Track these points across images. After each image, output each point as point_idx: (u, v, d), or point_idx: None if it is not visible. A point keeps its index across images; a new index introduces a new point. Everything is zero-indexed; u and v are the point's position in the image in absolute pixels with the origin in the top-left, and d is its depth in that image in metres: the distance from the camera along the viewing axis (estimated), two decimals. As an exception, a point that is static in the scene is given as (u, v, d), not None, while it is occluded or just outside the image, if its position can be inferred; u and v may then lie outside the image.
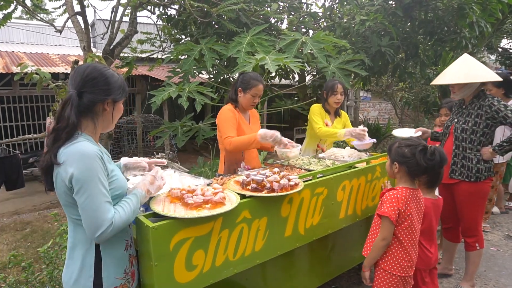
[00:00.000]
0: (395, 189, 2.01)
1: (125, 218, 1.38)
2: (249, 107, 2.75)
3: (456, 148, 2.76)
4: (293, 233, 2.03)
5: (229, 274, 1.74)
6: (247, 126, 2.76)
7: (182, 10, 4.96)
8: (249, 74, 2.75)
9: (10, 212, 5.71)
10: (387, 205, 1.95)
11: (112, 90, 1.45)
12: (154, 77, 8.34)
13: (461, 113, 2.79)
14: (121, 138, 8.69)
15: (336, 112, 3.36)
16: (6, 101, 8.16)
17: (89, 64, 1.46)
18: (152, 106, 3.84)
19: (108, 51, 4.57)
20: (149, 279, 1.52)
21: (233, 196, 1.78)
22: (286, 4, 5.54)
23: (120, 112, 1.55)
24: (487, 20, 4.99)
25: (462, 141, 2.72)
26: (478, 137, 2.66)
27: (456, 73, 2.69)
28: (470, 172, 2.70)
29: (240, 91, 2.68)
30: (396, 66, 5.72)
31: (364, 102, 13.89)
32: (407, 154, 1.98)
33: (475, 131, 2.66)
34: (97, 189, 1.31)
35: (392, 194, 1.98)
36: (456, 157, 2.76)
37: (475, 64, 2.69)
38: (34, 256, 3.69)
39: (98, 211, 1.30)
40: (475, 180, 2.69)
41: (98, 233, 1.30)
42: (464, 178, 2.73)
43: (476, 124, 2.66)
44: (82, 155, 1.31)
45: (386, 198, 1.98)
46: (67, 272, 1.43)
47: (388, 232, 1.95)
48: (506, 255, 3.62)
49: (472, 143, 2.68)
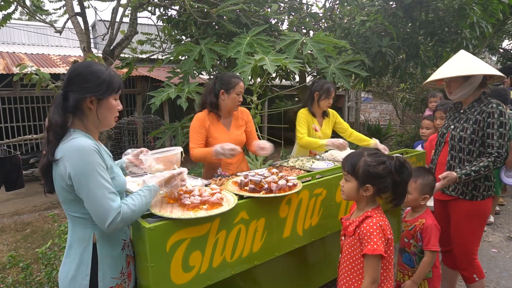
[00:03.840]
0: (370, 216, 1.68)
1: (135, 209, 1.38)
2: (234, 108, 2.67)
3: (452, 159, 2.37)
4: (292, 234, 2.02)
5: (227, 275, 1.73)
6: (223, 133, 2.66)
7: (182, 11, 4.96)
8: (227, 74, 2.70)
9: (11, 213, 5.71)
10: (374, 240, 1.59)
11: (91, 87, 1.39)
12: (154, 78, 8.35)
13: (458, 119, 2.40)
14: (121, 139, 8.69)
15: (324, 113, 3.28)
16: (7, 102, 8.18)
17: (78, 63, 1.45)
18: (151, 107, 3.83)
19: (108, 52, 4.57)
20: (146, 280, 1.52)
21: (230, 197, 1.77)
22: (287, 5, 5.54)
23: (110, 110, 1.46)
24: (488, 20, 4.98)
25: (460, 151, 2.32)
26: (477, 147, 2.26)
27: (453, 67, 2.30)
28: (465, 189, 2.31)
29: (223, 93, 2.60)
30: (396, 67, 5.70)
31: (365, 103, 13.86)
32: (382, 173, 1.65)
33: (473, 140, 2.26)
34: (97, 182, 1.31)
35: (373, 224, 1.64)
36: (451, 169, 2.34)
37: (474, 58, 2.33)
38: (33, 257, 3.69)
39: (102, 202, 1.31)
40: (470, 198, 2.30)
41: (107, 224, 1.31)
42: (458, 194, 2.33)
43: (474, 132, 2.25)
44: (78, 150, 1.31)
45: (368, 231, 1.62)
46: (64, 269, 1.42)
47: (378, 272, 1.63)
48: (507, 257, 3.59)
49: (471, 155, 2.28)
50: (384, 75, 6.39)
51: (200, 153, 2.53)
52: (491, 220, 4.41)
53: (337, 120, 3.36)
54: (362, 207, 1.75)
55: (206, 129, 2.62)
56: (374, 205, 1.74)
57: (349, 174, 1.71)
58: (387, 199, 1.73)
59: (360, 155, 1.71)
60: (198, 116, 2.66)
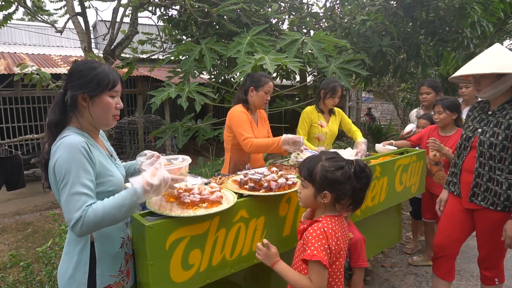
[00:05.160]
0: (318, 221, 1.55)
1: (102, 213, 1.25)
2: (261, 105, 2.74)
3: (481, 166, 2.16)
4: (292, 232, 2.02)
5: (226, 273, 1.73)
6: (255, 128, 2.76)
7: (182, 10, 4.97)
8: (259, 73, 2.78)
9: (12, 213, 5.73)
10: (315, 245, 1.46)
11: (82, 84, 1.36)
12: (155, 78, 8.37)
13: (486, 122, 2.16)
14: (122, 139, 8.71)
15: (331, 111, 3.35)
16: (8, 102, 8.20)
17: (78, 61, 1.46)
18: (152, 107, 3.84)
19: (109, 52, 4.58)
20: (145, 278, 1.52)
21: (230, 195, 1.77)
22: (287, 5, 5.54)
23: (103, 108, 1.41)
24: (489, 20, 4.97)
25: (490, 159, 2.11)
26: (509, 154, 2.04)
27: (486, 62, 2.03)
28: (497, 199, 2.10)
29: (252, 90, 2.68)
30: (397, 67, 5.70)
31: (366, 103, 13.86)
32: (340, 179, 1.51)
33: (506, 147, 2.04)
34: (73, 179, 1.26)
35: (317, 229, 1.50)
36: (480, 178, 2.17)
37: (510, 54, 2.04)
38: (34, 256, 3.70)
39: (70, 202, 1.25)
40: (502, 209, 2.09)
41: (70, 226, 1.25)
42: (488, 205, 2.14)
43: (507, 138, 2.03)
44: (62, 147, 1.31)
45: (311, 235, 1.50)
46: (63, 267, 1.43)
47: (323, 280, 1.47)
48: (508, 256, 3.58)
49: (503, 162, 2.06)
50: (385, 75, 6.40)
51: (262, 143, 2.50)
52: None
53: (343, 118, 3.43)
54: (317, 213, 1.62)
55: (250, 121, 2.66)
56: (332, 212, 1.59)
57: (306, 180, 1.58)
58: (345, 205, 1.59)
59: (318, 160, 1.58)
60: (239, 109, 2.67)
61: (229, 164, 2.78)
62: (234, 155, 2.74)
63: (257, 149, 2.53)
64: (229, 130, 2.71)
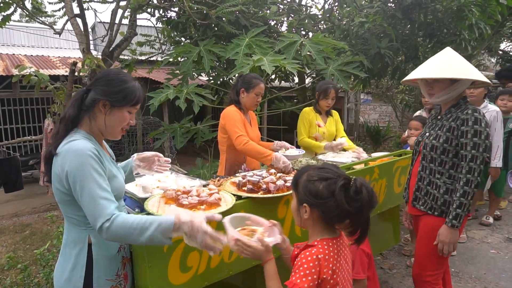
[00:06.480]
0: (313, 245, 1.32)
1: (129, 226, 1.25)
2: (252, 106, 2.77)
3: (422, 170, 2.12)
4: (290, 235, 2.01)
5: (224, 276, 1.73)
6: (249, 128, 2.78)
7: (181, 12, 4.97)
8: (250, 74, 2.80)
9: (10, 214, 5.71)
10: (301, 274, 1.25)
11: (109, 92, 1.41)
12: (153, 80, 8.35)
13: (433, 126, 2.13)
14: (120, 140, 8.70)
15: (328, 112, 3.41)
16: (6, 104, 8.18)
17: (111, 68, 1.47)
18: (150, 108, 3.84)
19: (108, 53, 4.57)
20: (143, 281, 1.51)
21: (228, 197, 1.77)
22: (286, 7, 5.55)
23: (119, 120, 1.45)
24: (487, 22, 4.99)
25: (431, 161, 2.06)
26: (450, 158, 1.99)
27: (440, 67, 1.98)
28: (434, 203, 2.05)
29: (243, 91, 2.70)
30: (395, 68, 5.71)
31: (364, 104, 13.87)
32: (322, 192, 1.29)
33: (446, 150, 1.99)
34: (92, 185, 1.29)
35: (309, 254, 1.29)
36: (421, 181, 2.13)
37: (464, 59, 2.02)
38: (32, 258, 3.68)
39: (95, 206, 1.28)
40: (439, 215, 2.03)
41: (97, 227, 1.28)
42: (427, 209, 2.08)
43: (447, 140, 1.98)
44: (75, 153, 1.32)
45: (301, 261, 1.29)
46: (59, 269, 1.43)
47: None
48: (506, 258, 3.59)
49: (443, 166, 2.01)
50: (383, 77, 6.41)
51: (256, 148, 2.48)
52: (490, 221, 4.40)
53: (338, 121, 3.49)
54: (310, 234, 1.40)
55: (243, 121, 2.68)
56: (327, 234, 1.35)
57: (293, 189, 1.41)
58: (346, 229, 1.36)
59: (308, 168, 1.40)
60: (233, 109, 2.69)
61: (225, 166, 2.78)
62: (229, 156, 2.74)
63: (249, 151, 2.53)
64: (223, 131, 2.72)
